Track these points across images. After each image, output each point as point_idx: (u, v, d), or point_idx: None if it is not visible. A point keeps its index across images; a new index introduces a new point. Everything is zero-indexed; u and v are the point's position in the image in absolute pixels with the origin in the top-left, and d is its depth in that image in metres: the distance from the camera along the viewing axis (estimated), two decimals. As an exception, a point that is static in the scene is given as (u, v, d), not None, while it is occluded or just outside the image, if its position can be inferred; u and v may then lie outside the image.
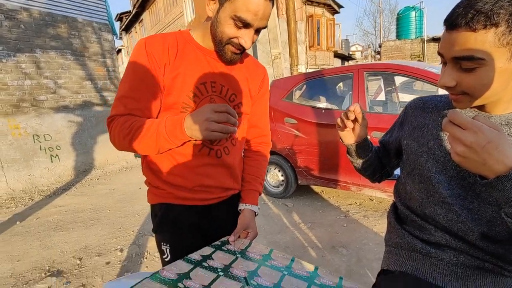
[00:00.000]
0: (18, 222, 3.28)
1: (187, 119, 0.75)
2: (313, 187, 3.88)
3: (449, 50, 0.57)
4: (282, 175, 3.54)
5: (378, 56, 16.89)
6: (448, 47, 0.57)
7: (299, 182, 3.43)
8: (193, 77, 0.87)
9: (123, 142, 0.83)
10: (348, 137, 0.85)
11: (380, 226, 2.71)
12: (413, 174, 0.73)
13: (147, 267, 2.29)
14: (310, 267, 0.85)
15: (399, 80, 4.38)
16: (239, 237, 0.97)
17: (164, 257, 0.96)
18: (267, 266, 0.84)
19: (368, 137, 0.87)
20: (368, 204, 3.27)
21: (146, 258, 2.42)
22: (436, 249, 0.67)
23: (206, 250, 0.89)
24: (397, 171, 0.96)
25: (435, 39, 12.46)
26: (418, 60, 12.47)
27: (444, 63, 0.61)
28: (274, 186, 3.63)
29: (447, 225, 0.66)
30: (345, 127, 0.80)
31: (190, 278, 0.74)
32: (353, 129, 0.83)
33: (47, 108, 4.71)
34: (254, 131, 1.10)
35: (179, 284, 0.71)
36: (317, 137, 3.15)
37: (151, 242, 2.66)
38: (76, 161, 5.05)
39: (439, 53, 0.61)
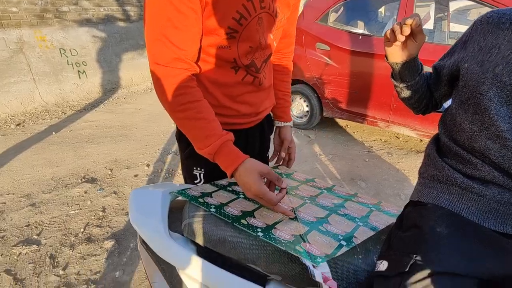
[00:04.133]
0: (53, 133, 3.50)
1: (238, 176, 0.69)
2: (338, 120, 3.78)
3: None
4: (307, 106, 3.43)
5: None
6: None
7: (324, 114, 3.33)
8: None
9: (169, 112, 0.75)
10: (396, 54, 0.73)
11: (404, 164, 2.67)
12: (468, 103, 0.63)
13: (171, 182, 2.45)
14: (351, 192, 0.88)
15: (453, 6, 3.80)
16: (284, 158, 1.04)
17: (196, 182, 0.95)
18: (308, 185, 0.89)
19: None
20: (394, 141, 3.18)
21: (171, 174, 2.57)
22: (479, 185, 0.61)
23: None
24: (446, 104, 0.85)
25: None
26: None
27: None
28: (297, 117, 3.56)
29: (497, 161, 0.58)
30: (395, 40, 0.67)
31: (212, 197, 0.76)
32: (404, 45, 0.70)
33: (71, 20, 4.59)
34: (285, 42, 1.01)
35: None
36: (350, 66, 2.92)
37: (175, 160, 2.79)
38: (102, 79, 5.10)
39: None
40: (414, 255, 0.53)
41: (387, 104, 2.77)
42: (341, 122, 3.77)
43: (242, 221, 0.65)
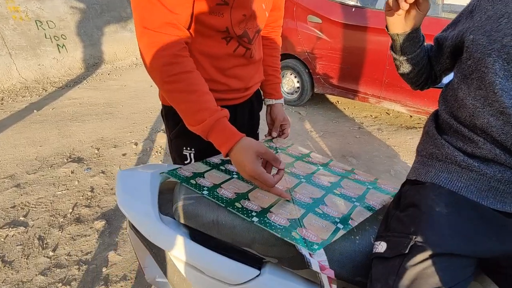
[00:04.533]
0: (35, 111, 3.35)
1: (233, 155, 0.65)
2: (329, 96, 3.74)
3: None
4: (298, 82, 3.37)
5: None
6: None
7: (315, 90, 3.28)
8: None
9: (158, 83, 0.68)
10: (397, 25, 0.68)
11: (394, 140, 2.68)
12: (472, 78, 0.60)
13: (161, 161, 2.40)
14: (347, 167, 0.86)
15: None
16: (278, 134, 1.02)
17: (186, 162, 0.91)
18: (304, 161, 0.86)
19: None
20: (384, 117, 3.18)
21: (160, 153, 2.51)
22: (479, 163, 0.59)
23: None
24: (446, 79, 0.82)
25: None
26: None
27: None
28: (288, 93, 3.50)
29: (500, 138, 0.57)
30: (398, 9, 0.62)
31: (204, 177, 0.73)
32: (407, 14, 0.66)
33: (46, -10, 4.28)
34: (274, 15, 0.96)
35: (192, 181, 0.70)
36: (342, 41, 2.85)
37: (165, 138, 2.73)
38: (84, 53, 4.86)
39: None
40: (414, 236, 0.52)
41: (379, 80, 2.74)
42: (332, 98, 3.73)
43: (236, 204, 0.62)
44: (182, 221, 0.63)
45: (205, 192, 0.65)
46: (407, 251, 0.50)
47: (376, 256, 0.55)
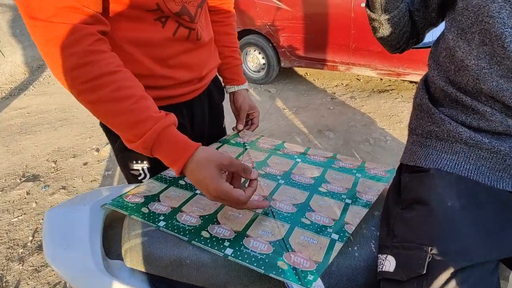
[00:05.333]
0: (-24, 129, 2.98)
1: (190, 173, 0.50)
2: (297, 69, 3.61)
3: None
4: (263, 58, 3.19)
5: None
6: None
7: (282, 65, 3.13)
8: None
9: (73, 93, 0.50)
10: None
11: (368, 106, 2.62)
12: (472, 32, 0.48)
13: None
14: (328, 154, 0.76)
15: None
16: (246, 124, 0.90)
17: (140, 178, 0.76)
18: (278, 155, 0.75)
19: None
20: (355, 84, 3.10)
21: (126, 156, 2.31)
22: (490, 139, 0.49)
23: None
24: (428, 38, 0.71)
25: None
26: None
27: None
28: (254, 71, 3.33)
29: None
30: None
31: (160, 200, 0.59)
32: None
33: (-38, -13, 3.72)
34: None
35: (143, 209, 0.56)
36: (303, 8, 2.68)
37: (128, 140, 2.51)
38: (25, 56, 4.36)
39: None
40: (429, 248, 0.41)
41: (346, 46, 2.62)
42: (300, 71, 3.60)
43: (203, 233, 0.49)
44: (135, 267, 0.49)
45: (162, 224, 0.51)
46: (424, 271, 0.39)
47: (384, 277, 0.43)
